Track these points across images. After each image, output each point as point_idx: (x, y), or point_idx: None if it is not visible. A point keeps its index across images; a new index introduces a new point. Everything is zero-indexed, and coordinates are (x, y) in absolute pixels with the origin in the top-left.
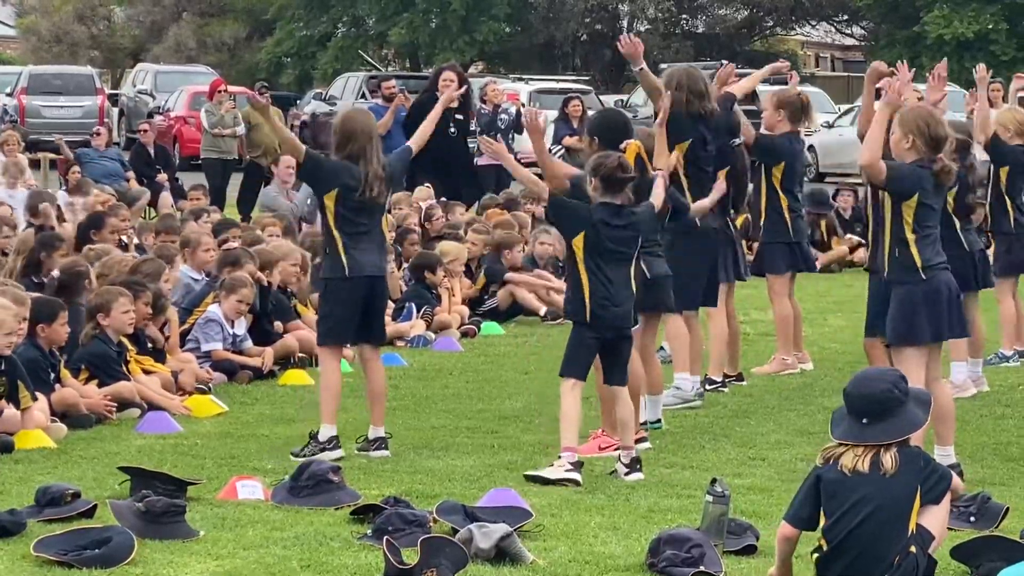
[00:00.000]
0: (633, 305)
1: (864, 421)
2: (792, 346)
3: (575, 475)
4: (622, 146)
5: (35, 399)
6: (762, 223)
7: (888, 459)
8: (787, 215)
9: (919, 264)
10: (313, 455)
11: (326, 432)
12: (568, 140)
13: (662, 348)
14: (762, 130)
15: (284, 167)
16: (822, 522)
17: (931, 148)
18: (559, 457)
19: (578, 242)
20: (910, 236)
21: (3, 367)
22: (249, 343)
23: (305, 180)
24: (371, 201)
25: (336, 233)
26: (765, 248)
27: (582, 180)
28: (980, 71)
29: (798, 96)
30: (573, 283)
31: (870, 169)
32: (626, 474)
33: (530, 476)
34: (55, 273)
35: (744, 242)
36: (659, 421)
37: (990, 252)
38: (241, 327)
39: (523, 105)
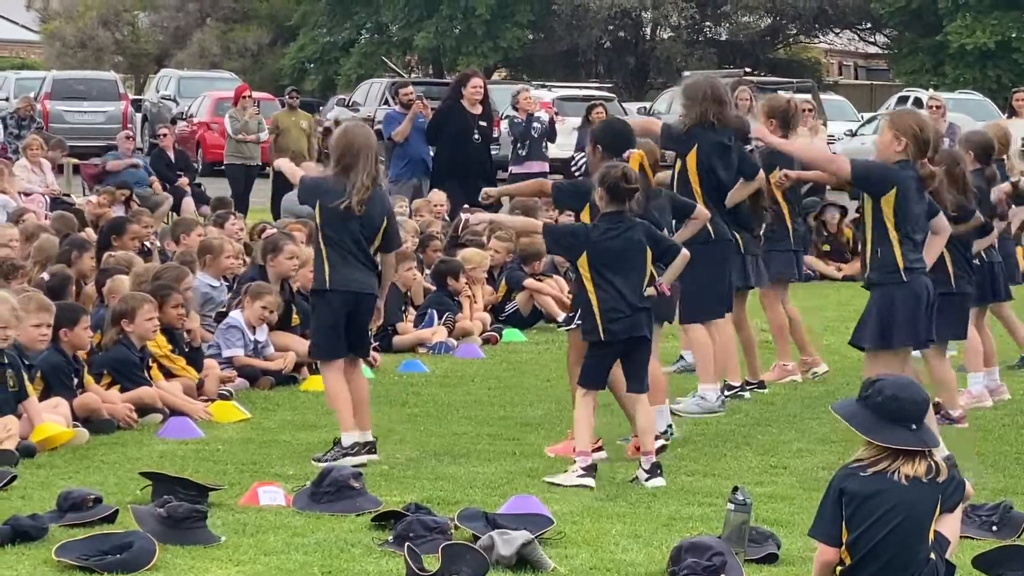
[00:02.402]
0: (648, 313)
1: (913, 427)
2: (788, 353)
3: (588, 480)
4: (625, 155)
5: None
6: (762, 232)
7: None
8: (789, 223)
9: (900, 264)
10: (335, 460)
11: (348, 439)
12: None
13: (682, 358)
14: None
15: None
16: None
17: (920, 151)
18: (574, 462)
19: (583, 261)
20: (893, 235)
21: (4, 360)
22: (271, 349)
23: (302, 201)
24: (351, 213)
25: (322, 247)
26: (763, 256)
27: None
28: None
29: (787, 103)
30: (583, 301)
31: (834, 171)
32: (647, 479)
33: (548, 482)
34: (44, 276)
35: None
36: (669, 428)
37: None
38: (263, 333)
39: (556, 113)
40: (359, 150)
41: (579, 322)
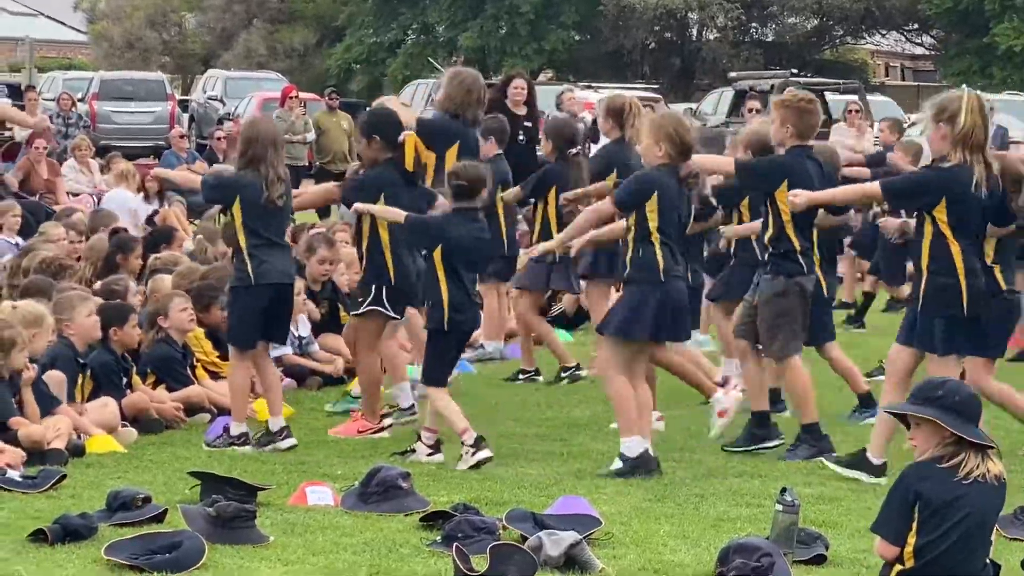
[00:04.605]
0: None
1: (976, 426)
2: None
3: (438, 456)
4: (400, 138)
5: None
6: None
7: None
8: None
9: (661, 266)
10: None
11: (236, 428)
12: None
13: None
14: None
15: None
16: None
17: (680, 154)
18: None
19: (437, 253)
20: (655, 237)
21: (45, 362)
22: (315, 346)
23: (211, 201)
24: (273, 206)
25: (244, 243)
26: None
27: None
28: None
29: (625, 103)
30: (433, 293)
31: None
32: (429, 455)
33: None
34: (96, 286)
35: None
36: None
37: None
38: (305, 328)
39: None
40: (266, 142)
41: (370, 307)
